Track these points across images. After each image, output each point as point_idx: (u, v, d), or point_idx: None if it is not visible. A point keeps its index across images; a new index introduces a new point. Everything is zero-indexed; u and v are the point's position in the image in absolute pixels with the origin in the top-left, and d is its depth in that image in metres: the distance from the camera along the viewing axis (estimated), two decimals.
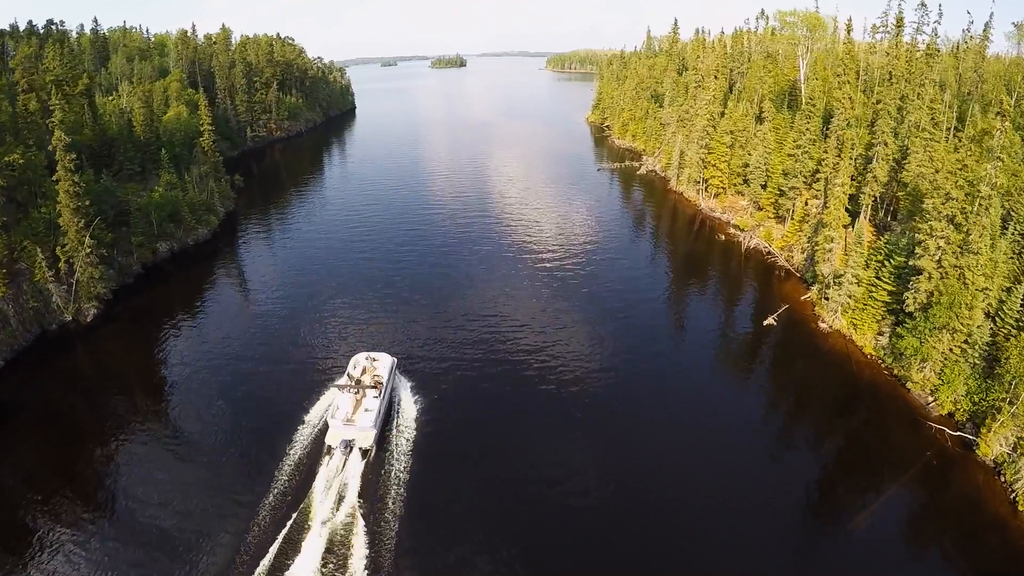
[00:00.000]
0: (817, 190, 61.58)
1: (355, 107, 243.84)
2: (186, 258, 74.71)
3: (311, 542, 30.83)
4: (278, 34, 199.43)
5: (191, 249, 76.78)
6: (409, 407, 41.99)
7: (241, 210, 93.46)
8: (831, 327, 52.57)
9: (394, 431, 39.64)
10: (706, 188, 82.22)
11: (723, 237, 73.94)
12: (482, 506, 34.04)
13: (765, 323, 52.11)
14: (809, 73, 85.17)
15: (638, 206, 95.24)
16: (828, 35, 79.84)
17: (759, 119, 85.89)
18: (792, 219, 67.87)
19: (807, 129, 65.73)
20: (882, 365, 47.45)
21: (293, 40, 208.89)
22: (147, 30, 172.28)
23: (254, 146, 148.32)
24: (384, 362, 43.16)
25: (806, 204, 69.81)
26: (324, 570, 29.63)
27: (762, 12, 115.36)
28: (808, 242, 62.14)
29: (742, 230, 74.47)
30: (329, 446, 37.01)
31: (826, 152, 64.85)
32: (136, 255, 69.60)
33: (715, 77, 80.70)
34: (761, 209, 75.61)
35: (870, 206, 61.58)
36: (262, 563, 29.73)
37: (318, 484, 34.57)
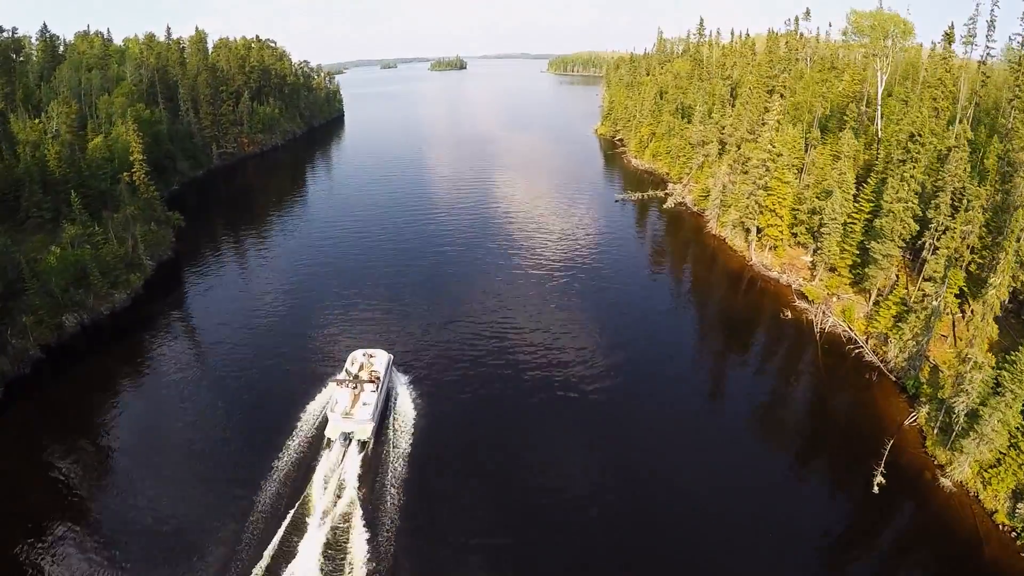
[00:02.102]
0: (934, 272, 44.34)
1: (343, 115, 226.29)
2: (100, 332, 58.02)
3: (312, 532, 31.68)
4: (257, 36, 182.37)
5: (105, 320, 60.10)
6: (406, 401, 43.45)
7: (185, 255, 76.55)
8: (953, 484, 36.09)
9: (391, 424, 40.96)
10: (760, 238, 65.17)
11: (788, 314, 56.41)
12: (478, 495, 35.13)
13: (875, 486, 34.55)
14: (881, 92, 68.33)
15: (667, 254, 77.71)
16: (909, 44, 63.04)
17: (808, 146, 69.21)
18: (885, 300, 50.73)
19: (910, 177, 48.76)
20: (1017, 543, 32.16)
21: (275, 43, 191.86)
22: (109, 34, 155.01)
23: (222, 164, 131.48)
24: (381, 358, 44.57)
25: (896, 280, 53.09)
26: (326, 559, 30.34)
27: (807, 12, 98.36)
28: (913, 340, 45.29)
29: (811, 302, 57.52)
30: (328, 439, 38.39)
31: (936, 208, 48.14)
32: (33, 336, 53.10)
33: (780, 96, 62.94)
34: (834, 270, 58.67)
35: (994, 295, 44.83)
36: (265, 554, 30.35)
37: (318, 476, 35.60)
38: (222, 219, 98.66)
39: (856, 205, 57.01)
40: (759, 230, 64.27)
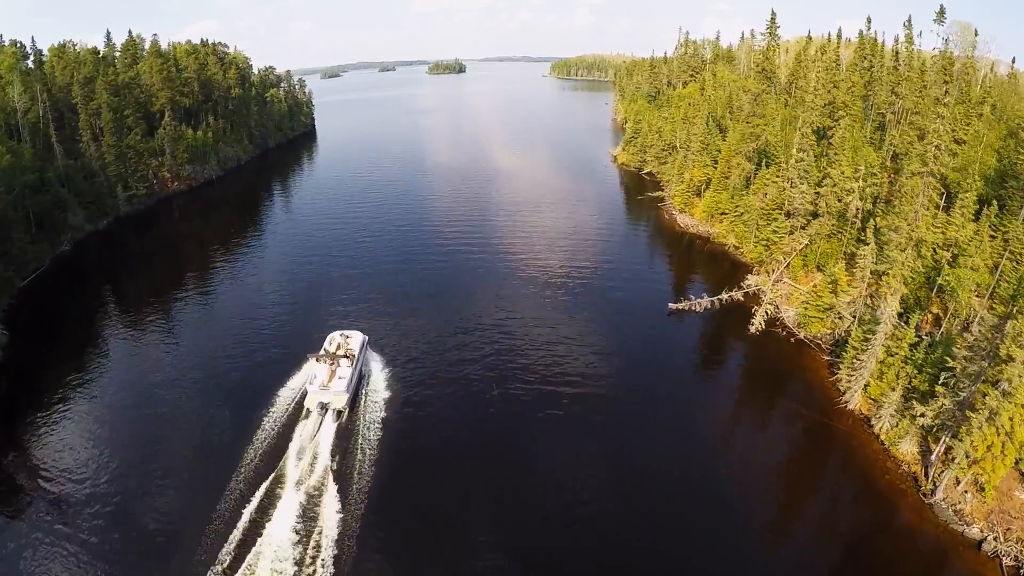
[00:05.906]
0: None
1: (314, 129, 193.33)
2: None
3: (287, 496, 34.10)
4: (203, 40, 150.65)
5: None
6: (378, 377, 46.59)
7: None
8: None
9: (364, 398, 43.79)
10: (964, 468, 32.00)
11: None
12: (443, 463, 38.03)
13: None
14: None
15: (762, 434, 44.60)
16: None
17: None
18: None
19: None
20: None
21: (227, 47, 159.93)
22: (34, 43, 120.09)
23: (133, 210, 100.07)
24: (356, 338, 47.72)
25: None
26: (298, 524, 32.37)
27: (941, 11, 66.46)
28: None
29: None
30: (307, 409, 41.65)
31: None
32: None
33: None
34: None
35: None
36: (241, 519, 32.40)
37: (295, 443, 38.61)
38: (108, 291, 71.70)
39: None
40: (967, 455, 31.20)
